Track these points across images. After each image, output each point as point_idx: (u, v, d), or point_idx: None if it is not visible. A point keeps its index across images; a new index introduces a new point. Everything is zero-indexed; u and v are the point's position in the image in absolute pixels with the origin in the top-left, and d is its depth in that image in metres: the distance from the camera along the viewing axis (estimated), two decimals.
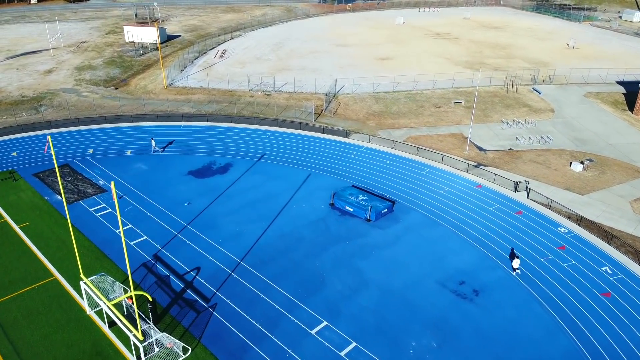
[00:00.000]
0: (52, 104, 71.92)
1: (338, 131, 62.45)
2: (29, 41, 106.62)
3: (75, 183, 49.05)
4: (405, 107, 69.28)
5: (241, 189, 48.60)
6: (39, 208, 44.72)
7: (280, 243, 40.43)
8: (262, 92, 75.12)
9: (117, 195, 47.12)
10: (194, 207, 45.38)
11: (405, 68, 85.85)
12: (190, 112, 68.16)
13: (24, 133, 60.09)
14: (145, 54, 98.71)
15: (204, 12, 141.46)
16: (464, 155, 56.13)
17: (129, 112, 67.46)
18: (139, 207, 45.17)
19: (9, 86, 78.45)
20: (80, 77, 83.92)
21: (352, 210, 44.41)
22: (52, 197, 46.66)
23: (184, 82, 78.74)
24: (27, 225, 42.23)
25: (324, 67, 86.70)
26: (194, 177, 50.81)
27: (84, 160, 53.94)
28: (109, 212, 44.45)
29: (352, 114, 68.21)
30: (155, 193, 47.66)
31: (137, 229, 42.02)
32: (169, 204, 45.79)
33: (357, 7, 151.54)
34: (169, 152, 55.80)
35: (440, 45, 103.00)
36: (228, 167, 52.88)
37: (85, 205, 45.41)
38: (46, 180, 49.43)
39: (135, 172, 51.68)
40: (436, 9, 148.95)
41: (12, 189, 47.77)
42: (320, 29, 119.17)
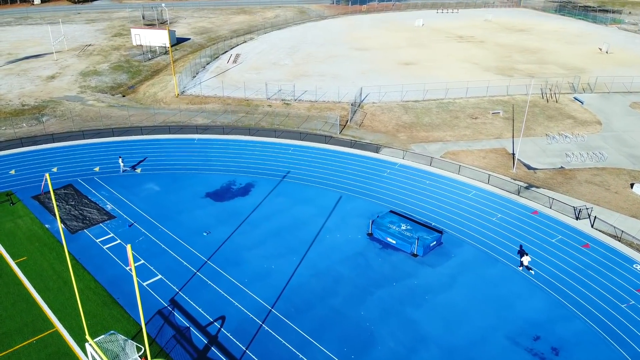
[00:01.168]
0: (55, 113, 66.56)
1: (367, 145, 56.82)
2: (31, 44, 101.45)
3: (79, 207, 43.53)
4: (438, 118, 63.55)
5: (265, 215, 43.00)
6: (39, 239, 39.21)
7: (315, 284, 34.77)
8: (281, 101, 69.52)
9: (127, 223, 41.57)
10: (214, 237, 39.81)
11: (431, 74, 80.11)
12: (204, 123, 62.65)
13: (24, 147, 54.68)
14: (154, 58, 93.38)
15: (214, 13, 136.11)
16: (512, 174, 50.38)
17: (138, 123, 61.99)
18: (151, 238, 39.60)
19: (9, 93, 73.17)
20: (85, 83, 78.55)
21: (395, 242, 38.73)
22: (54, 224, 41.16)
23: (197, 90, 73.25)
24: (24, 261, 36.71)
25: (344, 73, 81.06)
26: (212, 200, 45.24)
27: (89, 180, 48.45)
28: (117, 243, 38.90)
29: (380, 125, 62.54)
30: (170, 219, 42.11)
31: (150, 265, 36.43)
32: (186, 233, 40.23)
33: (372, 9, 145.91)
34: (183, 170, 50.26)
35: (465, 49, 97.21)
36: (249, 188, 47.29)
37: (91, 235, 39.88)
38: (47, 204, 43.92)
39: (146, 193, 46.16)
40: (455, 10, 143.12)
41: (8, 215, 42.30)
42: (336, 32, 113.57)
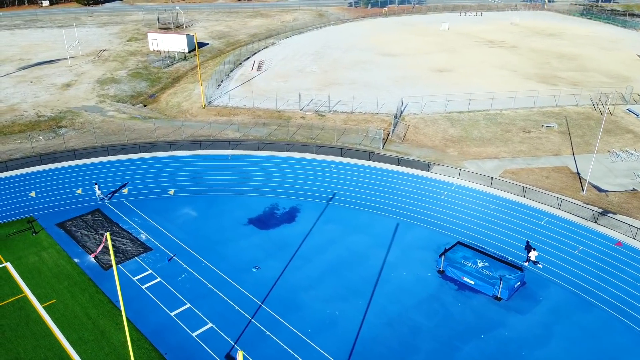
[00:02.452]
0: (74, 125, 62.03)
1: (415, 162, 52.12)
2: (42, 49, 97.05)
3: (112, 237, 38.73)
4: (489, 132, 58.80)
5: (317, 246, 38.35)
6: (68, 276, 34.58)
7: (390, 336, 30.06)
8: (314, 112, 64.86)
9: (166, 256, 36.93)
10: (264, 274, 35.16)
11: (470, 82, 75.38)
12: (235, 137, 58.03)
13: (44, 165, 50.07)
14: (173, 64, 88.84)
15: (230, 17, 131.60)
16: (582, 197, 45.61)
17: (165, 138, 57.38)
18: (195, 275, 34.94)
19: (23, 103, 68.65)
20: (103, 92, 74.03)
21: (473, 283, 33.97)
22: (83, 258, 36.54)
23: (224, 100, 68.68)
24: (53, 305, 32.07)
25: (376, 81, 76.40)
26: (256, 228, 40.60)
27: (118, 203, 43.84)
28: (158, 282, 34.26)
29: (425, 139, 57.84)
30: (212, 252, 37.48)
31: (197, 310, 31.76)
32: (232, 269, 35.60)
33: (392, 11, 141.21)
34: (220, 192, 45.65)
35: (499, 55, 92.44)
36: (295, 213, 42.63)
37: (127, 271, 35.25)
38: (74, 233, 39.30)
39: (182, 220, 41.54)
40: (478, 13, 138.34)
41: (31, 246, 37.69)
42: (359, 36, 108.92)
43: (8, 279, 34.22)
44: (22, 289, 33.48)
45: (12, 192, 45.22)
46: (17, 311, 31.50)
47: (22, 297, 32.74)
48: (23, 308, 31.79)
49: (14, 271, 35.06)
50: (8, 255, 36.67)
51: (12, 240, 38.49)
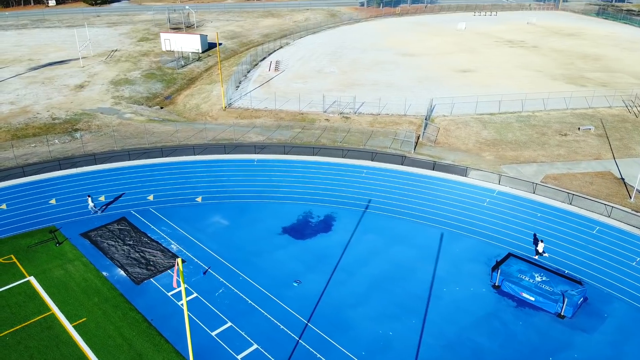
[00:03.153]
0: (90, 128, 59.73)
1: (450, 167, 49.78)
2: (52, 49, 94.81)
3: (139, 248, 36.56)
4: (523, 135, 56.46)
5: (359, 258, 36.02)
6: (97, 292, 32.24)
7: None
8: (339, 114, 62.54)
9: (200, 269, 34.62)
10: (306, 288, 32.82)
11: (496, 83, 73.07)
12: (259, 140, 55.70)
13: (63, 171, 47.73)
14: (187, 65, 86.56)
15: (240, 17, 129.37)
16: (630, 205, 43.24)
17: (186, 141, 55.06)
18: (233, 290, 32.62)
19: (36, 105, 66.37)
20: (118, 93, 71.74)
21: (533, 299, 31.61)
22: (112, 271, 34.20)
23: (245, 102, 66.39)
24: (84, 324, 29.71)
25: (399, 82, 74.08)
26: (292, 238, 38.28)
27: (144, 211, 41.52)
28: (195, 297, 31.93)
29: (457, 142, 55.48)
30: (249, 264, 35.15)
31: (239, 329, 29.42)
32: (272, 283, 33.27)
33: (404, 11, 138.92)
34: (249, 199, 43.35)
35: (521, 56, 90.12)
36: (330, 222, 40.29)
37: (160, 285, 32.91)
38: (100, 244, 36.97)
39: (213, 229, 39.23)
40: (493, 13, 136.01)
41: (55, 258, 35.35)
42: (375, 36, 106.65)
43: (33, 295, 31.90)
44: (49, 305, 31.16)
45: (32, 199, 42.94)
46: (45, 331, 29.17)
47: (50, 315, 30.43)
48: (51, 327, 29.45)
49: (38, 286, 32.75)
50: (31, 269, 34.36)
51: (35, 251, 36.18)
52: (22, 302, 31.30)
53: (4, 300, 31.43)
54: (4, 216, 40.32)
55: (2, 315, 30.18)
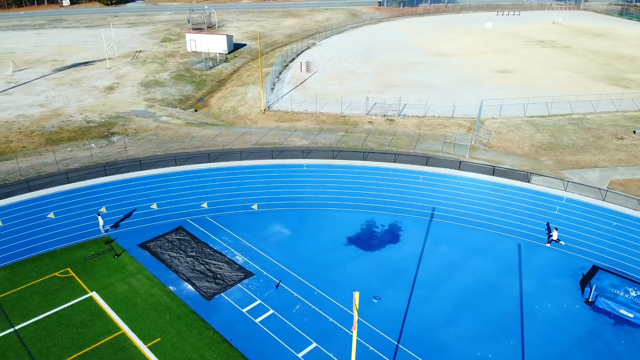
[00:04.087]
0: (127, 131, 57.73)
1: (510, 172, 47.64)
2: (74, 50, 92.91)
3: (203, 260, 34.51)
4: (579, 138, 54.35)
5: (438, 272, 33.92)
6: (167, 308, 30.17)
7: None
8: (382, 116, 60.47)
9: (271, 283, 32.57)
10: (387, 306, 30.75)
11: (538, 84, 70.99)
12: (303, 145, 53.66)
13: (108, 177, 45.69)
14: (215, 67, 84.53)
15: (260, 17, 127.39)
16: None
17: (230, 146, 53.04)
18: (310, 306, 30.55)
19: (67, 107, 64.41)
20: (150, 95, 69.76)
21: (632, 316, 29.50)
22: (179, 285, 32.15)
23: (283, 105, 64.39)
24: (159, 344, 27.61)
25: (438, 83, 72.00)
26: (359, 249, 36.20)
27: (200, 219, 39.48)
28: (271, 314, 29.86)
29: (512, 146, 53.39)
30: (321, 278, 33.09)
31: (327, 350, 27.32)
32: (348, 298, 31.31)
33: (425, 11, 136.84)
34: (306, 207, 41.28)
35: (557, 56, 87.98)
36: (397, 232, 38.21)
37: (232, 301, 30.88)
38: (161, 256, 34.90)
39: (276, 239, 37.18)
40: (516, 12, 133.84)
41: (116, 272, 33.28)
42: (401, 36, 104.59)
43: (99, 313, 29.84)
44: (118, 324, 29.10)
45: (80, 207, 40.92)
46: (118, 353, 27.11)
47: (120, 335, 28.36)
48: (125, 349, 27.39)
49: (103, 303, 30.69)
50: (92, 283, 32.32)
51: (93, 264, 34.15)
52: (88, 321, 29.26)
53: (67, 319, 29.40)
54: (54, 226, 38.31)
55: (69, 335, 28.15)
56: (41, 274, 33.03)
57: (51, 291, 31.49)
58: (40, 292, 31.34)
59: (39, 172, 46.61)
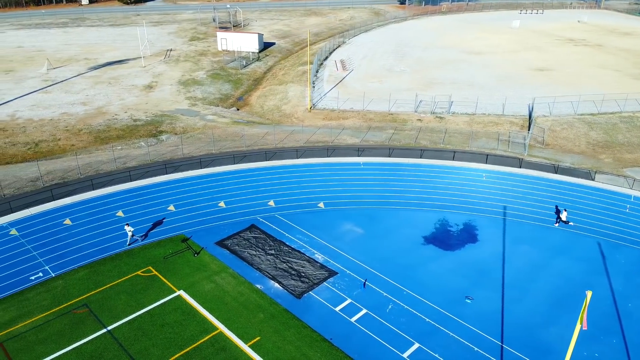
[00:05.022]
0: (175, 130, 57.33)
1: (571, 170, 47.11)
2: (104, 48, 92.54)
3: (284, 258, 34.06)
4: (634, 137, 53.86)
5: (523, 272, 33.44)
6: (259, 307, 29.73)
7: None
8: (431, 114, 59.97)
9: (357, 281, 32.10)
10: (482, 306, 30.27)
11: (578, 82, 70.49)
12: (355, 143, 53.23)
13: (169, 175, 45.29)
14: (248, 66, 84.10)
15: (283, 15, 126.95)
16: None
17: (282, 144, 52.59)
18: (402, 306, 30.11)
19: (110, 105, 64.00)
20: (190, 94, 69.35)
21: None
22: (266, 284, 31.71)
23: (327, 103, 63.98)
24: (259, 343, 27.17)
25: (478, 80, 71.50)
26: (439, 248, 35.71)
27: (270, 217, 39.06)
28: (365, 314, 29.40)
29: (568, 144, 52.88)
30: (406, 277, 32.64)
31: (431, 351, 26.82)
32: (441, 299, 30.73)
33: (448, 9, 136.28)
34: (373, 205, 40.82)
35: (591, 54, 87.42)
36: (473, 232, 37.71)
37: (323, 300, 30.40)
38: (240, 254, 34.46)
39: (350, 237, 36.73)
40: (540, 11, 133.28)
41: (199, 270, 32.83)
42: (430, 34, 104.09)
43: (191, 312, 29.39)
44: (213, 323, 28.65)
45: (148, 205, 40.51)
46: (220, 352, 26.66)
47: (218, 335, 27.92)
48: (225, 349, 26.93)
49: (193, 301, 30.24)
50: (177, 282, 31.87)
51: (173, 263, 33.70)
52: (182, 320, 28.81)
53: (160, 318, 28.95)
54: (124, 224, 37.80)
55: (165, 335, 27.70)
56: (123, 273, 32.59)
57: (137, 290, 31.04)
58: (126, 292, 30.90)
59: (97, 171, 46.21)
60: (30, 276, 32.16)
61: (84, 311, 29.32)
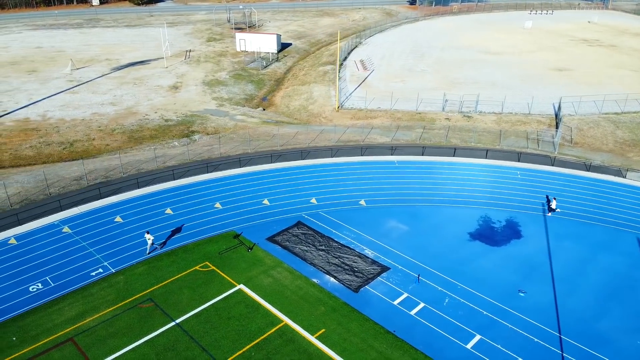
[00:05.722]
0: (206, 130, 58.11)
1: (603, 168, 48.03)
2: (124, 49, 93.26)
3: (335, 254, 34.90)
4: None
5: (570, 266, 34.37)
6: (319, 300, 30.58)
7: None
8: (459, 113, 60.84)
9: (409, 276, 32.92)
10: (536, 300, 31.13)
11: (598, 81, 71.48)
12: (385, 142, 54.06)
13: (210, 174, 46.09)
14: (268, 66, 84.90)
15: (296, 16, 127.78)
16: None
17: (314, 144, 53.47)
18: (458, 299, 30.98)
19: (139, 106, 64.75)
20: (216, 94, 70.15)
21: None
22: (322, 278, 32.54)
23: (352, 102, 64.90)
24: (325, 335, 28.00)
25: (501, 80, 72.42)
26: (485, 244, 36.57)
27: (314, 214, 39.91)
28: (423, 307, 30.25)
29: (596, 142, 53.80)
30: (458, 272, 33.51)
31: (493, 342, 27.63)
32: (495, 293, 31.59)
33: (458, 10, 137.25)
34: (416, 203, 41.60)
35: (607, 55, 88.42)
36: (515, 228, 38.62)
37: (379, 294, 31.21)
38: (292, 250, 35.28)
39: (397, 234, 37.56)
40: (549, 11, 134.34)
41: (255, 265, 33.65)
42: (444, 34, 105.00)
43: (254, 305, 30.19)
44: (277, 316, 29.47)
45: (196, 202, 41.31)
46: (288, 344, 27.47)
47: (284, 327, 28.74)
48: (294, 340, 27.74)
49: (254, 295, 31.05)
50: (236, 276, 32.68)
51: (229, 258, 34.50)
52: (248, 314, 29.62)
53: (225, 311, 29.76)
54: (176, 221, 38.66)
55: (233, 327, 28.50)
56: (181, 269, 33.36)
57: (198, 284, 31.82)
58: (187, 286, 31.67)
59: (138, 169, 46.96)
60: (90, 272, 32.89)
61: (149, 305, 30.07)
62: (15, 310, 29.64)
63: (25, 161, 51.18)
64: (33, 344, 27.36)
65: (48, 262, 33.75)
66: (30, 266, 33.39)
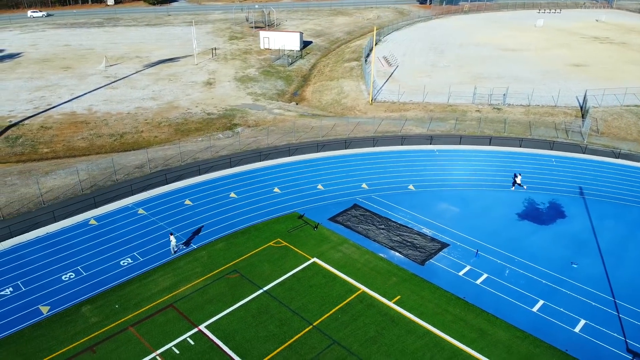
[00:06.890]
0: (247, 123, 60.76)
1: (631, 155, 50.96)
2: (151, 47, 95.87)
3: (396, 232, 37.63)
4: None
5: (616, 242, 37.24)
6: (389, 272, 33.30)
7: None
8: (488, 105, 63.70)
9: (468, 251, 35.65)
10: (588, 271, 33.94)
11: (615, 77, 74.44)
12: (422, 132, 56.81)
13: (263, 162, 48.80)
14: (293, 63, 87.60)
15: (311, 15, 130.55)
16: None
17: (353, 135, 56.20)
18: (518, 270, 33.73)
19: (179, 100, 67.37)
20: (250, 90, 72.80)
21: None
22: (388, 253, 35.27)
23: (383, 96, 67.63)
24: (401, 300, 30.74)
25: (523, 75, 75.35)
26: (534, 224, 39.42)
27: (368, 198, 42.67)
28: (487, 278, 33.01)
29: (621, 132, 56.75)
30: (514, 248, 36.29)
31: (557, 306, 30.42)
32: (551, 264, 34.39)
33: (467, 9, 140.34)
34: (458, 187, 44.32)
35: (619, 51, 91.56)
36: (559, 209, 41.47)
37: (444, 266, 33.95)
38: (355, 228, 38.00)
39: (450, 215, 40.33)
40: (557, 10, 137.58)
41: (323, 242, 36.37)
42: (459, 32, 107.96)
43: (331, 276, 32.89)
44: (354, 285, 32.17)
45: (257, 187, 43.96)
46: (370, 308, 30.21)
47: (362, 294, 31.46)
48: (374, 305, 30.47)
49: (329, 267, 33.72)
50: (309, 251, 35.40)
51: (297, 236, 37.19)
52: (326, 283, 32.26)
53: (306, 281, 32.40)
54: (243, 204, 41.32)
55: (316, 294, 31.12)
56: (256, 245, 36.00)
57: (276, 258, 34.48)
58: (266, 260, 34.31)
59: (194, 158, 49.54)
60: (173, 248, 35.45)
61: (236, 276, 32.72)
62: (111, 282, 32.18)
63: (79, 152, 53.68)
64: (135, 310, 29.91)
65: (132, 240, 36.33)
66: (116, 243, 35.96)
